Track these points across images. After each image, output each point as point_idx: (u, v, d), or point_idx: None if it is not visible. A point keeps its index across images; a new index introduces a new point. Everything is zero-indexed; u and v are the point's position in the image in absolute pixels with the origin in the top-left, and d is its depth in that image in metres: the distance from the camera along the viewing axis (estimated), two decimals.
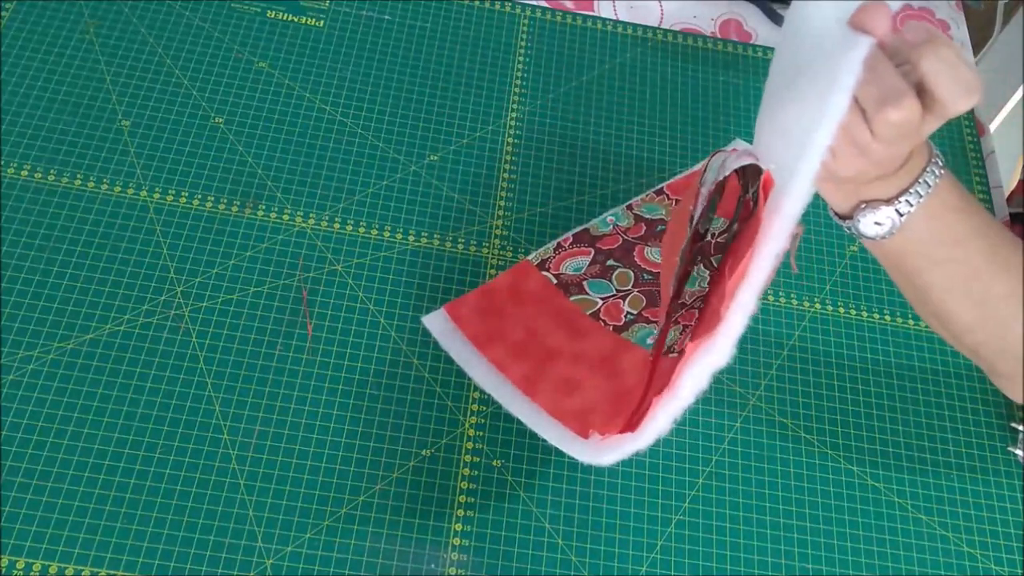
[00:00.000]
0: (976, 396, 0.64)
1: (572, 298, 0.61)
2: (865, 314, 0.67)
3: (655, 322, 0.60)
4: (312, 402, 0.58)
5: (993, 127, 1.52)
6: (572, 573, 0.54)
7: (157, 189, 0.64)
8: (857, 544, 0.58)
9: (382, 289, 0.62)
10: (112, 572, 0.51)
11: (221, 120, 0.67)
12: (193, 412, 0.56)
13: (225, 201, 0.64)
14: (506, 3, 0.77)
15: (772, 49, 0.79)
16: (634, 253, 0.64)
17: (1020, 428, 0.63)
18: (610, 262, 0.63)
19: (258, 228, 0.63)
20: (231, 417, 0.56)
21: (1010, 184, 0.99)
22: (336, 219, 0.64)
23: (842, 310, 0.67)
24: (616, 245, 0.64)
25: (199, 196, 0.64)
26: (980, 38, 1.34)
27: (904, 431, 0.62)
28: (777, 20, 0.81)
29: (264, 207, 0.64)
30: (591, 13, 0.79)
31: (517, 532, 0.55)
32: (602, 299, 0.61)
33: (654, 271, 0.63)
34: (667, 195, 0.68)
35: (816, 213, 0.70)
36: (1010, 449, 0.62)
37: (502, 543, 0.55)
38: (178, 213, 0.63)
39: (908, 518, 0.59)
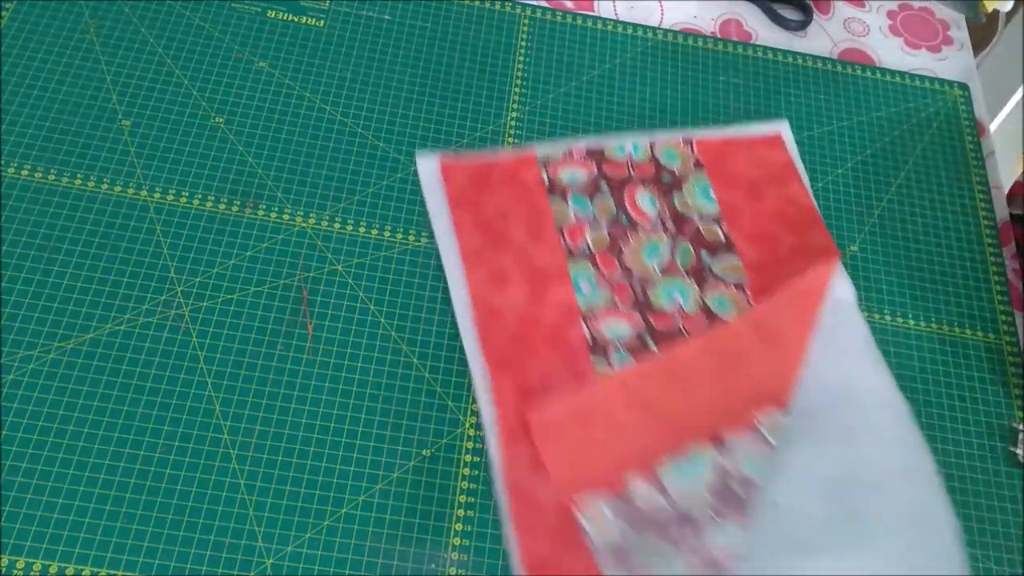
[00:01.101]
0: (976, 396, 0.64)
1: (553, 205, 0.64)
2: (865, 314, 0.67)
3: (599, 267, 0.62)
4: (312, 402, 0.58)
5: (993, 127, 1.52)
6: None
7: (157, 189, 0.64)
8: None
9: (382, 289, 0.62)
10: (112, 572, 0.51)
11: (221, 120, 0.67)
12: (193, 412, 0.56)
13: (225, 201, 0.64)
14: (506, 3, 0.77)
15: (772, 49, 0.79)
16: (625, 190, 0.65)
17: (1020, 428, 0.63)
18: (603, 184, 0.65)
19: (258, 228, 0.63)
20: (231, 417, 0.56)
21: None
22: (336, 219, 0.64)
23: None
24: (617, 175, 0.66)
25: (199, 196, 0.64)
26: (980, 38, 1.34)
27: None
28: (777, 20, 0.81)
29: (264, 207, 0.64)
30: (591, 13, 0.79)
31: None
32: (576, 218, 0.64)
33: (631, 217, 0.64)
34: (692, 148, 0.69)
35: (819, 206, 0.70)
36: (1010, 449, 0.62)
37: (502, 543, 0.55)
38: (178, 213, 0.63)
39: None
